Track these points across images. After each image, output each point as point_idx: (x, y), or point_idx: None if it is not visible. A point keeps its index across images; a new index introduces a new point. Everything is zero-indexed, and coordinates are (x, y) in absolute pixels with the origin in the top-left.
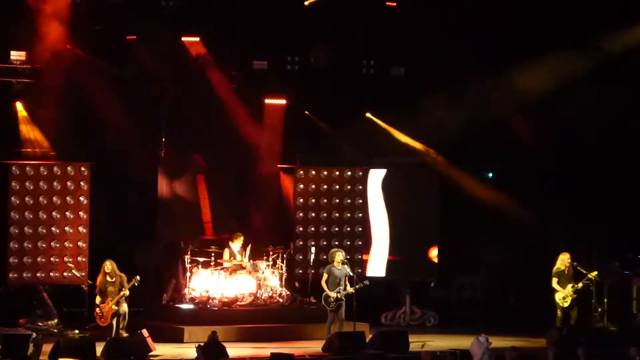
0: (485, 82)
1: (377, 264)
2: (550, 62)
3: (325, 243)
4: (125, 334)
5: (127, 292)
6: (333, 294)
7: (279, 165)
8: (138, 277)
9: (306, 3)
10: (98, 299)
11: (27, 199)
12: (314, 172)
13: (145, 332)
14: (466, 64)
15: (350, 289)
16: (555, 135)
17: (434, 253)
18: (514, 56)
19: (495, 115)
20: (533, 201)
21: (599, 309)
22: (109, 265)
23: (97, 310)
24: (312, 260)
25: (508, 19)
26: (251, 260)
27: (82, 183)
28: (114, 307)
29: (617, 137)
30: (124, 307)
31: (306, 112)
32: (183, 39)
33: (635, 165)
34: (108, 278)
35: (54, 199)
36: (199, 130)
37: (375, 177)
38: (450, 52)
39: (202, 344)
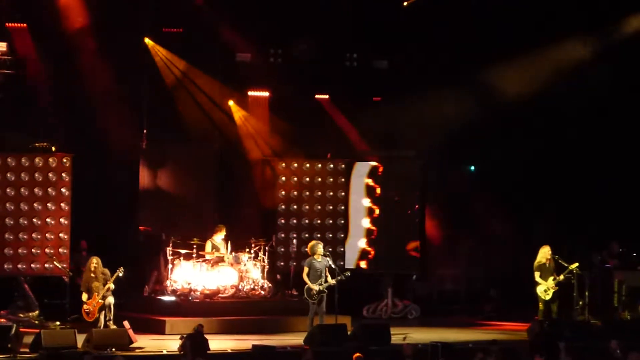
0: (472, 76)
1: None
2: (532, 59)
3: (307, 235)
4: (113, 326)
5: (112, 285)
6: (315, 287)
7: (261, 157)
8: (122, 268)
9: None
10: (85, 296)
11: (8, 190)
12: (296, 165)
13: (127, 323)
14: (452, 58)
15: (331, 281)
16: (537, 129)
17: (415, 246)
18: (502, 51)
19: (481, 109)
20: (514, 195)
21: (580, 302)
22: (95, 262)
23: (85, 306)
24: (293, 253)
25: (497, 12)
26: (233, 253)
27: (63, 174)
28: (100, 301)
29: (598, 129)
30: (110, 300)
31: None
32: (165, 30)
33: (617, 157)
34: (92, 274)
35: (36, 190)
36: (180, 121)
37: (359, 170)
38: (436, 46)
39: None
